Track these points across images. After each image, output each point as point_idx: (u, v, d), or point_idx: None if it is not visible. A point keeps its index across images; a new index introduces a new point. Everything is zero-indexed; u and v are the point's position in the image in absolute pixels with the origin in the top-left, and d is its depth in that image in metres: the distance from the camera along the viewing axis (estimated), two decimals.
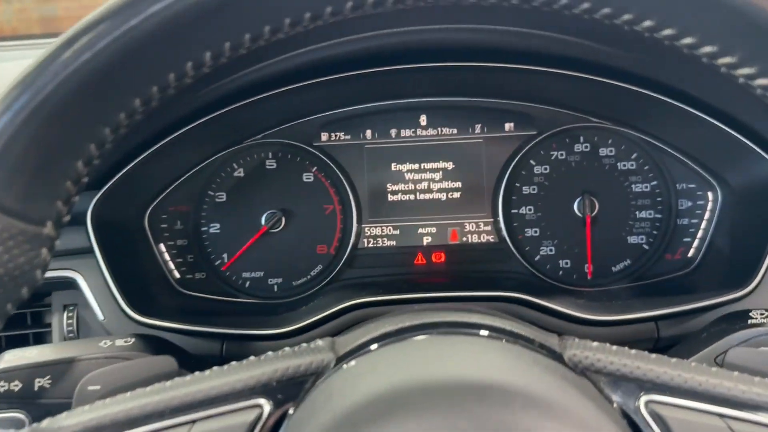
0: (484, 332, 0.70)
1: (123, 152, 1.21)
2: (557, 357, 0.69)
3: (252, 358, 0.70)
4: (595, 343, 0.71)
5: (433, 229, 1.44)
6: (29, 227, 0.58)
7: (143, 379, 0.80)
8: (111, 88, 0.57)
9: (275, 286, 1.43)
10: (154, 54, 0.56)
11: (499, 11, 1.13)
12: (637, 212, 1.40)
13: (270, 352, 0.72)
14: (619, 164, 1.40)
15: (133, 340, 0.94)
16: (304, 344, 0.74)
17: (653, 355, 0.69)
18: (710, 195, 1.37)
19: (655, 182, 1.40)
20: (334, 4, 0.56)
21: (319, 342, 0.75)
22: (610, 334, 1.18)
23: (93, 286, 1.23)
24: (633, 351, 0.70)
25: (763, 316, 0.93)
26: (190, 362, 0.99)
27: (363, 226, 1.44)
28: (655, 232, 1.40)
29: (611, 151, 1.41)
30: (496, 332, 0.70)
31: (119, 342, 0.93)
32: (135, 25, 0.55)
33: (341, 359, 0.70)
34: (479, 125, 1.43)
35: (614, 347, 0.70)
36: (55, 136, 0.57)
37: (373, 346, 0.70)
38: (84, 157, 0.59)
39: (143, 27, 0.55)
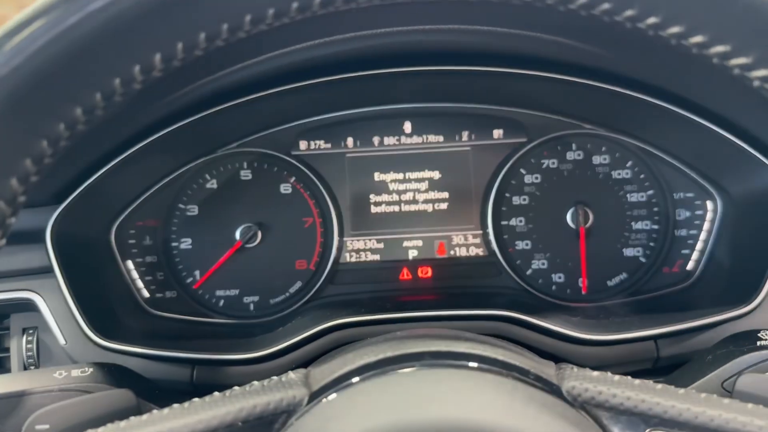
0: (473, 364, 0.63)
1: (85, 164, 1.13)
2: (554, 390, 0.63)
3: (216, 394, 0.64)
4: (596, 373, 0.65)
5: (419, 243, 1.37)
6: None
7: (97, 417, 0.72)
8: (46, 96, 0.50)
9: (251, 305, 1.35)
10: (95, 56, 0.49)
11: (484, 10, 1.07)
12: (633, 223, 1.34)
13: (236, 387, 0.65)
14: (613, 173, 1.34)
15: (90, 370, 0.87)
16: (275, 377, 0.67)
17: (659, 386, 0.63)
18: (709, 205, 1.31)
19: (651, 191, 1.34)
20: (278, 5, 0.49)
21: (291, 375, 0.68)
22: (607, 353, 1.12)
23: (53, 308, 1.15)
24: (637, 381, 0.63)
25: None
26: (154, 392, 0.92)
27: (345, 239, 1.37)
28: (652, 244, 1.34)
29: (605, 159, 1.35)
30: (488, 363, 0.63)
31: (75, 372, 0.85)
32: (74, 24, 0.48)
33: (315, 395, 0.63)
34: (466, 132, 1.37)
35: (616, 377, 0.64)
36: None
37: (354, 380, 0.63)
38: (18, 174, 0.52)
39: (83, 26, 0.48)
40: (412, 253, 1.37)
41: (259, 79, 1.18)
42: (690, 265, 1.33)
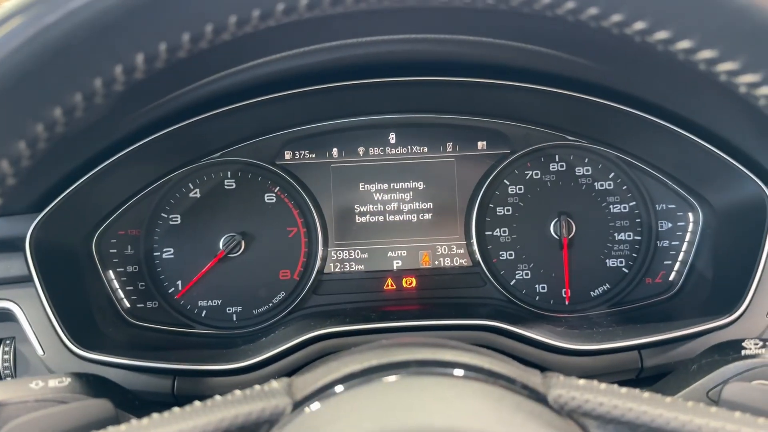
0: (459, 372, 0.62)
1: (66, 171, 1.11)
2: (541, 398, 0.62)
3: (196, 403, 0.62)
4: (582, 381, 0.65)
5: (404, 253, 1.37)
6: None
7: (73, 428, 0.70)
8: (24, 95, 0.49)
9: (234, 315, 1.34)
10: (75, 56, 0.48)
11: (468, 19, 1.07)
12: (615, 234, 1.35)
13: (217, 397, 0.63)
14: (596, 184, 1.35)
15: (68, 380, 0.84)
16: (257, 386, 0.65)
17: (646, 394, 0.62)
18: (691, 216, 1.33)
19: (633, 203, 1.35)
20: (263, 6, 0.49)
21: (274, 383, 0.66)
22: (591, 363, 1.12)
23: (32, 317, 1.12)
24: (623, 389, 0.63)
25: (758, 346, 0.87)
26: (134, 403, 0.90)
27: (329, 249, 1.36)
28: (634, 255, 1.35)
29: (588, 170, 1.35)
30: (474, 371, 0.63)
31: (52, 383, 0.83)
32: (53, 24, 0.47)
33: (299, 404, 0.62)
34: (450, 144, 1.37)
35: (602, 385, 0.63)
36: None
37: (337, 389, 0.62)
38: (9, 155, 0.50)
39: (62, 25, 0.47)
40: (397, 264, 1.37)
41: (245, 88, 1.17)
42: (672, 276, 1.34)
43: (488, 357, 0.67)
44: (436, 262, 1.37)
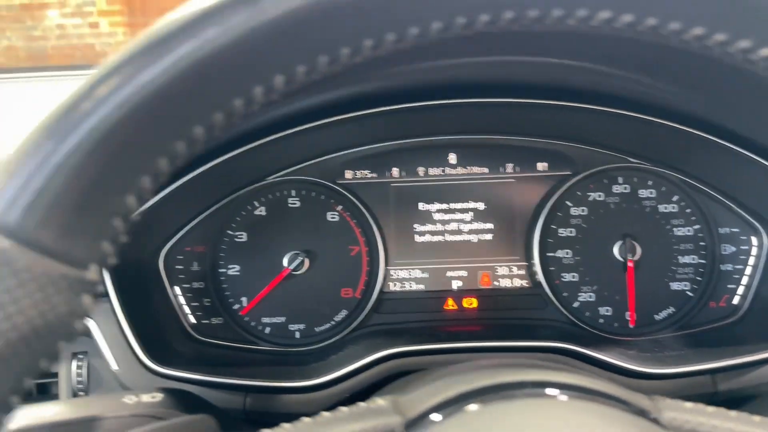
0: (577, 393, 0.62)
1: None
2: (656, 421, 0.62)
3: (306, 419, 0.62)
4: (689, 404, 0.64)
5: (464, 273, 1.37)
6: (71, 270, 0.49)
7: None
8: (173, 114, 0.50)
9: (297, 333, 1.34)
10: (221, 77, 0.49)
11: (531, 42, 1.08)
12: (679, 257, 1.34)
13: (324, 413, 0.63)
14: (659, 207, 1.35)
15: (161, 395, 0.85)
16: (362, 404, 0.65)
17: (756, 418, 0.62)
18: (754, 240, 1.32)
19: (697, 226, 1.34)
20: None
21: (380, 401, 0.66)
22: (664, 387, 1.11)
23: (106, 332, 1.13)
24: (733, 413, 0.62)
25: None
26: (225, 420, 0.90)
27: (389, 268, 1.36)
28: (698, 279, 1.34)
29: (651, 192, 1.35)
30: (590, 394, 0.62)
31: (146, 398, 0.83)
32: (206, 45, 0.48)
33: (411, 424, 0.62)
34: (511, 164, 1.38)
35: (710, 408, 0.63)
36: (105, 167, 0.49)
37: (471, 407, 0.61)
38: (136, 191, 0.51)
39: (215, 46, 0.48)
40: (457, 284, 1.37)
41: (308, 111, 1.19)
42: (736, 300, 1.33)
43: (598, 380, 0.67)
44: (496, 283, 1.37)
